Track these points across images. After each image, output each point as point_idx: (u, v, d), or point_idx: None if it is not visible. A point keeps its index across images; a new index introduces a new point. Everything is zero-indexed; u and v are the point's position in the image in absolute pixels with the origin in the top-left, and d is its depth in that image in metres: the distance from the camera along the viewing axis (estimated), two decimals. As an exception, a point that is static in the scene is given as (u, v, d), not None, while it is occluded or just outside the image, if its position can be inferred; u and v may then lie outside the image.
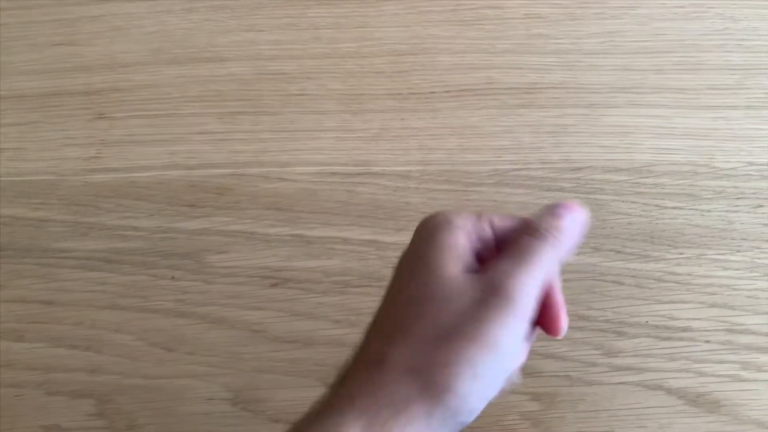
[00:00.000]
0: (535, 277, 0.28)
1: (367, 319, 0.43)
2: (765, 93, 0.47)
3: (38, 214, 0.46)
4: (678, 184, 0.45)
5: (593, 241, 0.44)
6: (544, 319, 0.29)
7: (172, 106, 0.48)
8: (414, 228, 0.30)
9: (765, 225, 0.44)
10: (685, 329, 0.43)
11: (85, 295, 0.44)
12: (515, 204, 0.45)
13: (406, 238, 0.44)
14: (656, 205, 0.45)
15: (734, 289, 0.43)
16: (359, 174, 0.46)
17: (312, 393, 0.42)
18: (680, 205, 0.45)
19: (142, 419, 0.42)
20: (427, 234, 0.30)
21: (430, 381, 0.26)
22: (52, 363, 0.43)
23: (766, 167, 0.45)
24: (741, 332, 0.43)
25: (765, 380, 0.42)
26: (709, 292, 0.43)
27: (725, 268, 0.44)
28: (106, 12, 0.50)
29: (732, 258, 0.44)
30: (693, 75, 0.48)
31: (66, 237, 0.46)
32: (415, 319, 0.27)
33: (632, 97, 0.47)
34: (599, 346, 0.42)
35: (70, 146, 0.47)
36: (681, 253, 0.44)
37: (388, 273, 0.44)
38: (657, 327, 0.43)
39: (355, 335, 0.43)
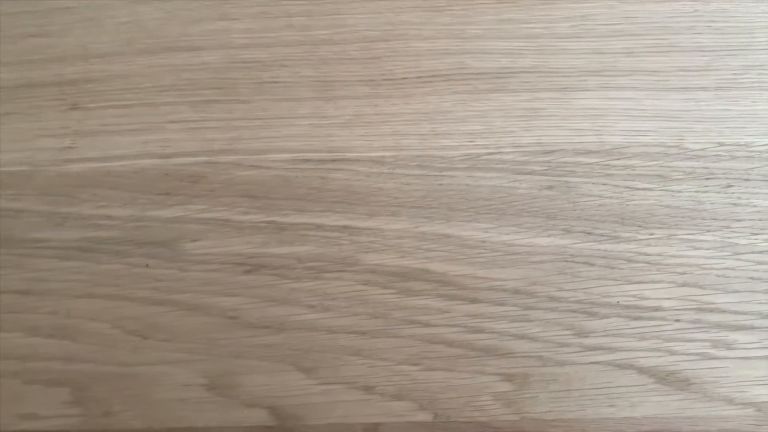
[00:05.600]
0: None
1: (341, 304, 0.44)
2: (734, 74, 0.47)
3: (13, 204, 0.46)
4: (648, 166, 0.46)
5: (564, 223, 0.44)
6: None
7: (145, 95, 0.48)
8: (387, 212, 0.28)
9: (734, 205, 0.45)
10: (655, 309, 0.43)
11: (60, 284, 0.45)
12: (488, 188, 0.45)
13: (379, 223, 0.45)
14: (627, 187, 0.45)
15: (704, 269, 0.44)
16: (333, 160, 0.46)
17: (286, 377, 0.43)
18: (651, 186, 0.45)
19: (118, 406, 0.42)
20: None
21: None
22: (27, 352, 0.44)
23: (735, 147, 0.46)
24: (711, 311, 0.43)
25: (734, 358, 0.42)
26: (680, 272, 0.44)
27: (695, 248, 0.44)
28: (79, 3, 0.50)
29: (702, 238, 0.44)
30: (663, 57, 0.48)
31: (41, 227, 0.46)
32: None
33: (603, 80, 0.47)
34: (570, 327, 0.43)
35: (44, 137, 0.48)
36: (651, 234, 0.44)
37: (361, 258, 0.44)
38: (628, 307, 0.43)
39: (328, 320, 0.44)
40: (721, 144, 0.46)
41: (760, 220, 0.44)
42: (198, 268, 0.45)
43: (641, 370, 0.42)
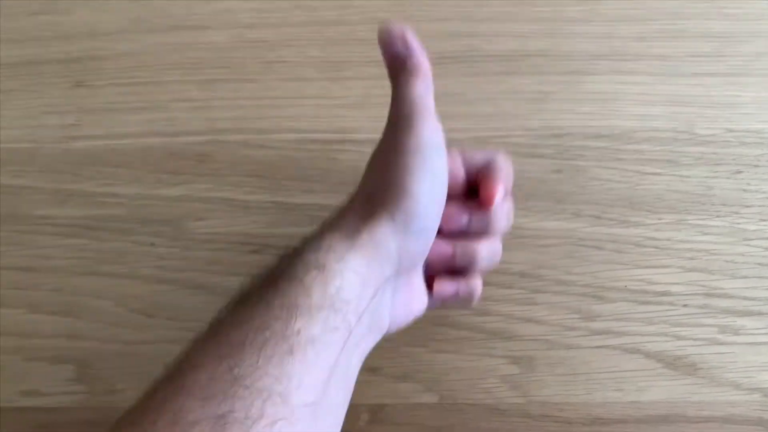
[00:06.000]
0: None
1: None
2: (744, 60, 0.47)
3: (18, 181, 0.46)
4: (658, 151, 0.45)
5: (573, 206, 0.44)
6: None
7: (151, 74, 0.48)
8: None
9: (744, 190, 0.44)
10: (663, 293, 0.43)
11: (64, 261, 0.44)
12: (496, 170, 0.45)
13: (386, 204, 0.44)
14: (636, 171, 0.45)
15: (713, 254, 0.43)
16: (340, 141, 0.46)
17: (291, 357, 0.42)
18: (660, 171, 0.45)
19: (121, 384, 0.42)
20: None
21: (384, 193, 0.33)
22: (31, 329, 0.43)
23: (745, 133, 0.45)
24: (719, 296, 0.43)
25: (742, 343, 0.42)
26: (688, 257, 0.43)
27: (705, 233, 0.44)
28: (85, -21, 0.50)
29: (711, 223, 0.44)
30: (674, 42, 0.47)
31: (45, 204, 0.45)
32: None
33: (613, 64, 0.47)
34: (578, 311, 0.42)
35: (49, 114, 0.47)
36: (660, 219, 0.44)
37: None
38: (636, 291, 0.43)
39: (334, 300, 0.43)
40: (731, 130, 0.46)
41: (769, 206, 0.44)
42: (203, 247, 0.44)
43: (648, 355, 0.42)
